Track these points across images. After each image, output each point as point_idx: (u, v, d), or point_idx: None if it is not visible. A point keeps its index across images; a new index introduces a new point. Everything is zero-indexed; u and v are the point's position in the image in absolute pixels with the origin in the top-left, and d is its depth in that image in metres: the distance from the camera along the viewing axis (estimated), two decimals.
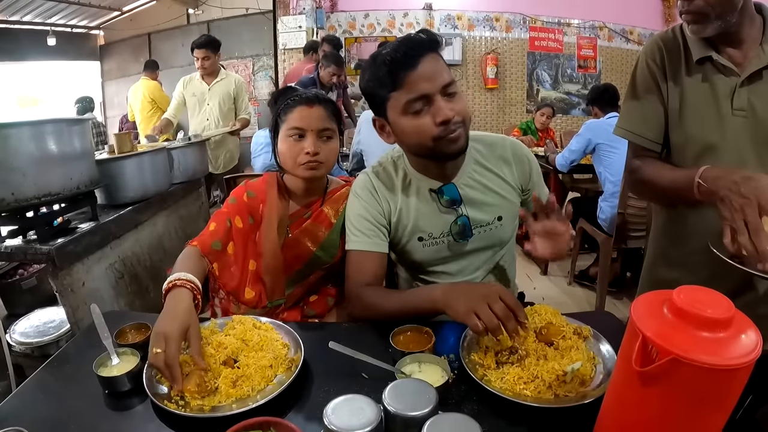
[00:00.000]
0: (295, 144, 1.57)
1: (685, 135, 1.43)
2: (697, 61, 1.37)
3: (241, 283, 1.63)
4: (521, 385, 1.04)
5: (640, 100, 1.50)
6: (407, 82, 1.29)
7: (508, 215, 1.56)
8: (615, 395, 0.84)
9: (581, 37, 7.94)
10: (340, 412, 0.81)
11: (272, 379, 1.11)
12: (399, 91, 1.31)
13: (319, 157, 1.56)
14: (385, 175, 1.57)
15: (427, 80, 1.29)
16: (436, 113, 1.30)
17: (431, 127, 1.31)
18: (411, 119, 1.33)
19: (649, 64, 1.47)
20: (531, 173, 1.57)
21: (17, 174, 1.94)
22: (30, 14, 7.30)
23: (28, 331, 2.35)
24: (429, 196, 1.51)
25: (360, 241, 1.51)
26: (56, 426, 1.00)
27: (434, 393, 0.86)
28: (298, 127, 1.57)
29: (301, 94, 1.62)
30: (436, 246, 1.54)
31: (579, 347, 1.13)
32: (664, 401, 0.73)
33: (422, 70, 1.28)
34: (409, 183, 1.53)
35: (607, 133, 3.67)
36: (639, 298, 0.80)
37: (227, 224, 1.61)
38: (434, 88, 1.29)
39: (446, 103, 1.31)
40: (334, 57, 4.95)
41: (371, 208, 1.52)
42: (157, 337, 1.09)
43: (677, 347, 0.68)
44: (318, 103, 1.59)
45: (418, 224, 1.52)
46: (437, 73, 1.30)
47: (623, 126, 1.54)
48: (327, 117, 1.59)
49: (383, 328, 1.25)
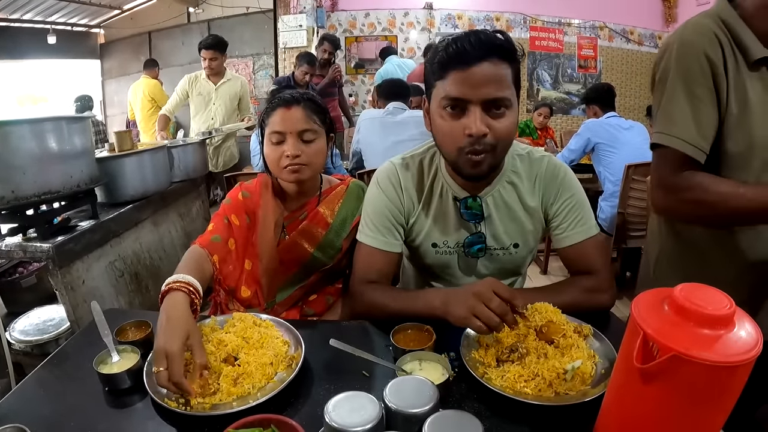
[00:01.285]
0: (276, 148, 1.54)
1: (749, 142, 1.22)
2: (758, 61, 1.20)
3: (239, 280, 1.63)
4: (522, 383, 1.03)
5: (691, 101, 1.23)
6: (452, 78, 1.21)
7: (526, 244, 1.49)
8: (616, 393, 0.84)
9: (582, 37, 7.94)
10: (341, 409, 0.80)
11: (273, 377, 1.11)
12: (442, 84, 1.23)
13: (300, 159, 1.52)
14: (414, 169, 1.49)
15: (471, 86, 1.19)
16: (467, 124, 1.21)
17: (459, 135, 1.23)
18: (445, 118, 1.25)
19: (709, 58, 1.21)
20: (560, 204, 1.43)
21: (17, 172, 1.94)
22: (30, 12, 7.28)
23: (27, 329, 2.35)
24: (452, 203, 1.44)
25: (373, 238, 1.46)
26: (56, 423, 1.00)
27: (435, 390, 0.86)
28: (278, 131, 1.53)
29: (282, 95, 1.57)
30: (449, 255, 1.50)
31: (579, 345, 1.12)
32: (664, 398, 0.73)
33: (471, 73, 1.18)
34: (437, 184, 1.46)
35: (606, 133, 3.68)
36: (640, 296, 0.79)
37: (225, 221, 1.61)
38: (475, 97, 1.19)
39: (484, 117, 1.21)
40: (307, 56, 4.97)
41: (391, 204, 1.47)
42: (158, 355, 1.04)
43: (678, 344, 0.68)
44: (296, 104, 1.54)
45: (434, 229, 1.47)
46: (486, 83, 1.18)
47: (671, 132, 1.25)
48: (307, 118, 1.54)
49: (384, 325, 1.25)
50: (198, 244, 1.54)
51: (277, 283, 1.65)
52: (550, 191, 1.44)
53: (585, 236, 1.41)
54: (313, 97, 1.60)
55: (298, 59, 4.92)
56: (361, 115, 3.78)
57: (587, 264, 1.41)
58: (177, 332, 1.08)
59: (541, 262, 4.48)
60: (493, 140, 1.23)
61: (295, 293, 1.68)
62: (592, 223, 1.43)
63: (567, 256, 1.45)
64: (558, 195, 1.43)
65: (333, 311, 1.73)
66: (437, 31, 7.57)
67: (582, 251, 1.42)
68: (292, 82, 4.83)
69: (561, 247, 1.45)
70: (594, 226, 1.44)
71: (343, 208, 1.66)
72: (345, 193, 1.69)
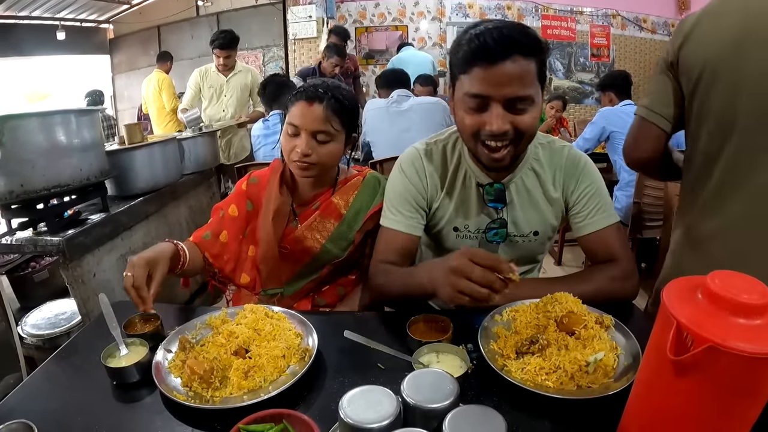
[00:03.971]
0: (290, 140, 1.50)
1: None
2: None
3: (237, 267, 1.63)
4: (543, 376, 1.00)
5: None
6: (475, 74, 1.19)
7: (545, 232, 1.49)
8: (645, 386, 0.80)
9: (594, 26, 7.85)
10: (357, 404, 0.77)
11: (285, 370, 1.08)
12: (466, 78, 1.22)
13: (310, 158, 1.48)
14: (437, 155, 1.48)
15: (494, 84, 1.17)
16: (488, 120, 1.20)
17: (481, 130, 1.23)
18: (467, 111, 1.24)
19: None
20: (580, 191, 1.43)
21: (26, 165, 1.94)
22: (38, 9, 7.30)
23: (39, 323, 2.36)
24: (476, 189, 1.44)
25: (395, 220, 1.46)
26: (63, 418, 0.98)
27: (455, 384, 0.82)
28: (294, 124, 1.48)
29: (307, 87, 1.51)
30: (470, 241, 1.49)
31: (601, 337, 1.09)
32: (698, 391, 0.69)
33: (494, 71, 1.16)
34: (461, 170, 1.46)
35: (622, 121, 3.61)
36: (670, 284, 0.75)
37: (219, 215, 1.64)
38: (498, 95, 1.18)
39: (506, 115, 1.20)
40: (336, 48, 5.00)
41: (414, 189, 1.47)
42: (128, 264, 1.24)
43: (714, 335, 0.64)
44: (319, 101, 1.47)
45: (457, 214, 1.47)
46: (509, 82, 1.17)
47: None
48: (327, 118, 1.47)
49: (399, 317, 1.22)
50: (192, 240, 1.60)
51: (282, 273, 1.63)
52: (571, 179, 1.43)
53: (606, 223, 1.40)
54: (341, 96, 1.51)
55: (327, 51, 4.95)
56: (366, 106, 3.81)
57: (609, 252, 1.39)
58: (147, 254, 1.29)
59: (555, 253, 4.43)
60: (514, 134, 1.23)
61: (306, 285, 1.66)
62: (612, 211, 1.42)
63: (588, 244, 1.43)
64: (578, 183, 1.43)
65: (348, 302, 1.70)
66: (448, 20, 7.52)
67: (603, 239, 1.40)
68: (317, 74, 4.86)
69: (582, 235, 1.44)
70: (614, 214, 1.42)
71: (357, 199, 1.63)
72: (361, 185, 1.65)
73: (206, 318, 1.25)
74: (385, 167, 3.16)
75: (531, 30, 1.21)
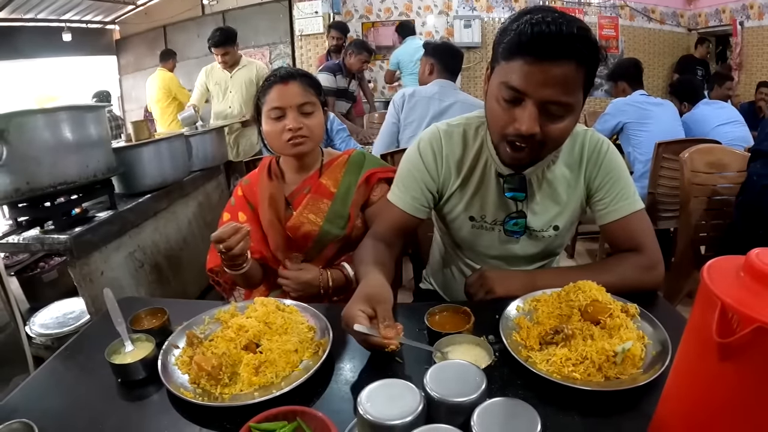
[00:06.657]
0: (276, 123, 1.57)
1: None
2: None
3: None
4: (569, 367, 0.96)
5: None
6: (517, 66, 1.09)
7: (565, 226, 1.44)
8: (684, 374, 0.75)
9: (602, 17, 7.76)
10: (377, 400, 0.72)
11: (298, 365, 1.04)
12: (507, 66, 1.12)
13: (302, 131, 1.55)
14: (458, 138, 1.41)
15: (535, 83, 1.08)
16: (519, 117, 1.12)
17: (508, 125, 1.15)
18: (500, 102, 1.16)
19: None
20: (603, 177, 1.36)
21: (32, 162, 1.93)
22: (44, 11, 7.31)
23: (47, 323, 2.35)
24: (495, 178, 1.38)
25: (399, 197, 1.44)
26: (67, 417, 0.96)
27: (482, 376, 0.77)
28: (278, 107, 1.56)
29: (276, 73, 1.62)
30: (485, 231, 1.45)
31: (628, 326, 1.04)
32: (745, 376, 0.64)
33: (539, 69, 1.07)
34: (482, 157, 1.39)
35: (635, 112, 3.54)
36: (710, 264, 0.70)
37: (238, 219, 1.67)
38: (535, 94, 1.09)
39: (538, 115, 1.11)
40: (365, 44, 4.98)
41: (426, 171, 1.42)
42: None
43: (762, 314, 0.59)
44: (293, 79, 1.58)
45: (473, 203, 1.42)
46: (552, 85, 1.08)
47: None
48: (305, 91, 1.58)
49: (417, 308, 1.19)
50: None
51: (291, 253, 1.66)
52: (593, 165, 1.37)
53: (630, 210, 1.34)
54: (306, 72, 1.66)
55: (356, 47, 4.88)
56: (400, 92, 3.24)
57: (634, 240, 1.34)
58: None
59: (568, 246, 4.37)
60: (542, 139, 1.15)
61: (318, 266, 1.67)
62: (636, 197, 1.36)
63: (612, 232, 1.37)
64: (600, 168, 1.36)
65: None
66: (455, 14, 7.44)
67: (628, 226, 1.34)
68: (343, 70, 4.86)
69: (605, 222, 1.37)
70: (638, 200, 1.36)
71: (345, 177, 1.66)
72: (347, 163, 1.69)
73: (215, 312, 1.22)
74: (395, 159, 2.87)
75: (592, 34, 1.10)
